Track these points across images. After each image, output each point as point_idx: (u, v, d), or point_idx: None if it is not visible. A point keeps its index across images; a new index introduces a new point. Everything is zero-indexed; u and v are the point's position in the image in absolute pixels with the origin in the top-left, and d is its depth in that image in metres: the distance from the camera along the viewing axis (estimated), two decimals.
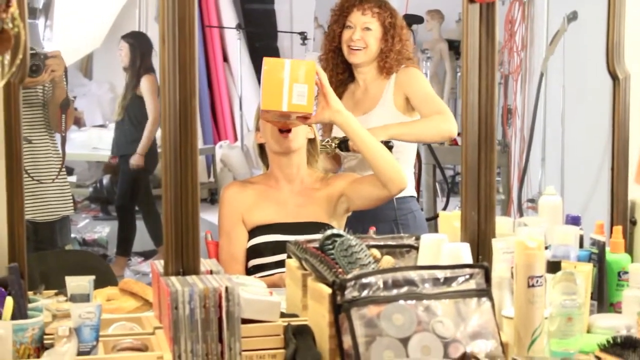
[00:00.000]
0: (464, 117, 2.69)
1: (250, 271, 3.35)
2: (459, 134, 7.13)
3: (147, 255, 7.36)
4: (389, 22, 3.79)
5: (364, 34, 3.78)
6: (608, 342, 2.36)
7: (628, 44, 2.96)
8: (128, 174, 7.29)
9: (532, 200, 6.27)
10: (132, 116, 7.19)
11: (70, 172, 8.56)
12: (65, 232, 4.37)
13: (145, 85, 7.04)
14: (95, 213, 8.57)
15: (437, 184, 7.50)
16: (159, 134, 7.53)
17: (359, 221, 3.50)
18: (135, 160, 7.10)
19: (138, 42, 7.26)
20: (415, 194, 3.93)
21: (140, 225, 7.38)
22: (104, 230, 7.67)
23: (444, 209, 6.73)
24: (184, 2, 2.41)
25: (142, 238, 7.37)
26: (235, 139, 9.31)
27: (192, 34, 2.41)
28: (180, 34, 2.41)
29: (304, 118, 3.13)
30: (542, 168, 6.30)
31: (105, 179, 8.73)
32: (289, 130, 3.33)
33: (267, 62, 3.03)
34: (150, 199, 7.44)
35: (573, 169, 5.75)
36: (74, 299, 2.46)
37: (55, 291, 2.71)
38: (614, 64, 2.95)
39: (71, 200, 4.35)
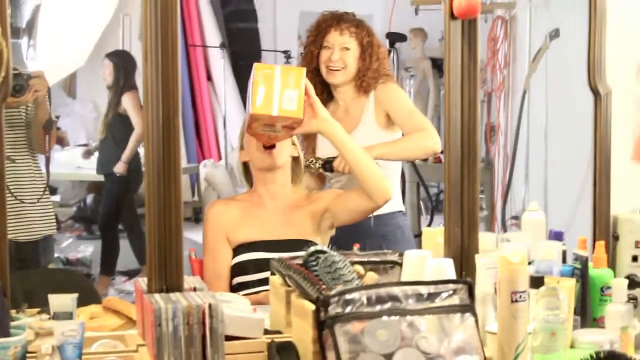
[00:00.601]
0: (447, 134, 2.70)
1: (234, 289, 3.34)
2: (442, 152, 7.18)
3: (131, 274, 7.35)
4: (367, 41, 3.80)
5: (343, 54, 3.77)
6: (591, 357, 2.37)
7: (609, 60, 2.98)
8: (112, 193, 7.29)
9: (515, 217, 6.29)
10: (115, 135, 7.19)
11: (53, 191, 8.56)
12: (48, 252, 4.36)
13: (127, 102, 7.06)
14: (79, 232, 8.56)
15: (421, 202, 7.52)
16: (142, 152, 7.56)
17: (346, 237, 3.50)
18: (119, 167, 7.10)
19: (122, 61, 7.28)
20: (403, 209, 3.94)
21: (124, 244, 7.37)
22: (88, 250, 7.65)
23: (428, 226, 6.75)
24: (167, 18, 2.41)
25: (126, 257, 7.35)
26: (220, 158, 9.32)
27: (174, 51, 2.41)
28: (163, 50, 2.41)
29: (291, 128, 3.14)
30: (526, 185, 6.33)
31: (89, 198, 8.74)
32: (273, 147, 3.33)
33: (258, 67, 3.05)
34: (135, 218, 7.44)
35: (556, 185, 5.78)
36: (57, 316, 2.45)
37: (38, 309, 2.70)
38: (596, 80, 2.96)
39: (54, 220, 4.33)
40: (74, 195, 9.05)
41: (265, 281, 3.20)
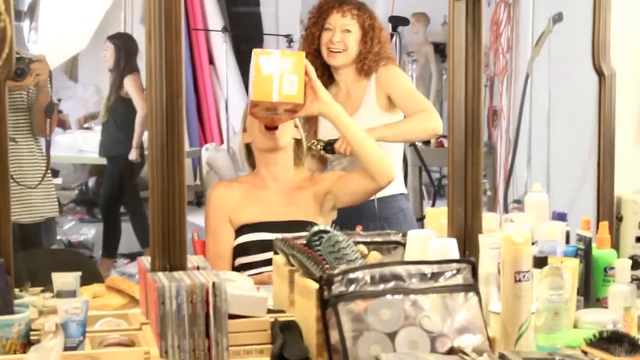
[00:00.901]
0: (451, 116, 2.70)
1: (236, 269, 3.34)
2: (444, 136, 7.17)
3: (133, 257, 7.34)
4: (369, 24, 3.80)
5: (344, 36, 3.78)
6: (594, 336, 2.37)
7: (613, 42, 2.97)
8: (114, 176, 7.30)
9: (518, 201, 6.28)
10: (117, 117, 7.20)
11: (55, 174, 8.54)
12: (50, 234, 4.37)
13: (129, 84, 7.06)
14: (81, 215, 8.55)
15: (423, 187, 7.51)
16: (145, 135, 7.57)
17: (349, 219, 3.50)
18: (133, 155, 7.14)
19: (123, 43, 7.27)
20: (405, 192, 3.94)
21: (127, 227, 7.37)
22: (90, 232, 7.66)
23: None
24: None
25: (128, 240, 7.36)
26: (222, 142, 9.31)
27: (178, 32, 2.41)
28: (167, 31, 2.40)
29: (293, 111, 3.14)
30: (528, 169, 6.32)
31: (91, 182, 8.73)
32: (275, 128, 3.33)
33: (257, 53, 3.05)
34: (137, 201, 7.45)
35: (559, 168, 5.76)
36: (60, 295, 2.45)
37: (42, 288, 2.71)
38: (600, 61, 2.96)
39: (56, 203, 4.34)
40: (76, 179, 9.04)
41: (268, 262, 3.22)
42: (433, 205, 6.64)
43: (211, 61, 9.43)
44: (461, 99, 2.69)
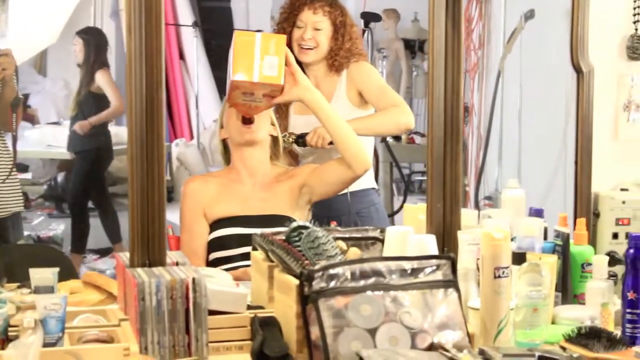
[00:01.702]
0: (430, 111, 2.70)
1: (211, 264, 3.33)
2: (416, 133, 7.14)
3: (102, 253, 7.32)
4: (340, 21, 3.79)
5: (315, 33, 3.77)
6: (573, 332, 2.38)
7: (591, 38, 2.98)
8: (81, 172, 7.25)
9: (489, 198, 6.30)
10: (86, 113, 7.14)
11: (25, 169, 8.49)
12: (17, 228, 4.33)
13: (101, 79, 7.01)
14: (50, 210, 8.50)
15: (393, 183, 7.52)
16: (113, 130, 7.52)
17: (321, 214, 3.51)
18: (82, 126, 7.05)
19: (93, 38, 7.22)
20: (376, 186, 3.94)
21: (96, 223, 7.32)
22: (59, 228, 7.59)
23: (401, 206, 6.75)
24: None
25: (97, 236, 7.31)
26: (192, 137, 9.28)
27: (159, 24, 2.40)
28: (147, 24, 2.39)
29: (271, 97, 3.14)
30: (499, 166, 6.34)
31: (60, 177, 8.67)
32: (251, 122, 3.33)
33: (238, 34, 3.05)
34: (106, 197, 7.40)
35: (530, 165, 5.78)
36: (38, 290, 2.43)
37: (18, 284, 2.68)
38: (578, 58, 2.97)
39: (21, 197, 4.30)
40: (45, 174, 8.98)
41: (243, 256, 3.21)
42: (404, 200, 6.65)
43: (181, 56, 9.40)
44: (440, 95, 2.69)
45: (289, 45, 3.77)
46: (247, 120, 3.34)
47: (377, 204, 3.91)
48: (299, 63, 3.80)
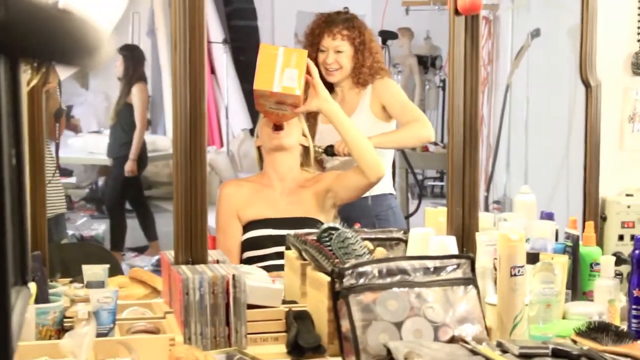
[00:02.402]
0: (450, 119, 2.69)
1: (244, 262, 3.33)
2: (435, 144, 7.12)
3: (139, 251, 7.33)
4: (358, 42, 3.77)
5: (337, 56, 3.76)
6: (583, 326, 2.38)
7: (599, 54, 2.97)
8: (119, 176, 7.26)
9: (497, 202, 6.29)
10: (122, 122, 7.17)
11: (69, 174, 8.53)
12: (60, 229, 4.35)
13: (135, 93, 7.04)
14: (91, 212, 8.53)
15: (408, 187, 7.51)
16: (149, 139, 7.54)
17: (344, 215, 3.50)
18: (129, 166, 7.07)
19: (131, 54, 7.25)
20: (393, 192, 3.93)
21: (133, 223, 7.34)
22: (100, 228, 7.61)
23: (416, 209, 6.75)
24: (194, 10, 2.40)
25: (134, 235, 7.33)
26: (222, 145, 9.28)
27: (201, 41, 2.40)
28: (191, 41, 2.39)
29: (294, 106, 3.15)
30: (507, 172, 6.32)
31: (100, 181, 8.70)
32: (281, 128, 3.34)
33: (264, 47, 3.09)
34: (142, 199, 7.42)
35: (535, 172, 5.77)
36: (90, 285, 2.44)
37: (70, 279, 2.69)
38: (587, 73, 2.95)
39: (64, 200, 4.33)
40: (87, 178, 9.02)
41: (273, 255, 3.21)
42: (419, 204, 6.64)
43: (212, 71, 9.41)
44: (460, 105, 2.69)
45: (317, 66, 3.79)
46: (277, 127, 3.35)
47: (394, 207, 3.90)
48: (328, 83, 3.82)
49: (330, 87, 3.86)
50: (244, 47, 9.49)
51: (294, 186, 3.43)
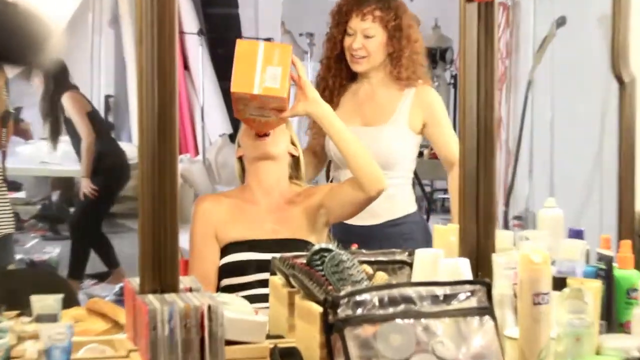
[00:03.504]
0: (462, 121, 2.69)
1: (222, 291, 3.32)
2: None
3: (100, 278, 7.34)
4: (393, 26, 3.68)
5: (366, 41, 3.68)
6: None
7: (633, 46, 2.97)
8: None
9: (519, 217, 6.30)
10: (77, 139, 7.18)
11: (18, 187, 8.52)
12: (8, 252, 4.34)
13: (68, 106, 7.03)
14: (43, 232, 8.53)
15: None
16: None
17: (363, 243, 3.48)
18: (85, 188, 7.05)
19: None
20: (415, 208, 3.88)
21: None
22: (54, 251, 7.62)
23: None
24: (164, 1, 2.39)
25: (93, 259, 7.32)
26: (197, 153, 9.30)
27: (171, 33, 2.39)
28: (160, 31, 2.38)
29: (279, 110, 3.14)
30: (530, 182, 6.34)
31: (55, 196, 8.69)
32: (267, 135, 3.33)
33: (240, 44, 3.08)
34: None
35: (563, 183, 5.78)
36: (40, 319, 2.43)
37: (17, 312, 2.68)
38: (620, 67, 2.95)
39: (12, 218, 4.28)
40: (38, 192, 9.02)
41: (257, 284, 3.20)
42: (427, 220, 6.64)
43: (186, 66, 9.42)
44: (473, 105, 2.68)
45: (341, 53, 3.76)
46: (262, 133, 3.34)
47: (418, 222, 3.87)
48: (354, 73, 3.78)
49: (354, 76, 3.82)
50: (223, 39, 9.50)
51: (281, 202, 3.42)
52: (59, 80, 7.11)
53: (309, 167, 3.76)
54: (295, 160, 3.47)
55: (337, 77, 3.82)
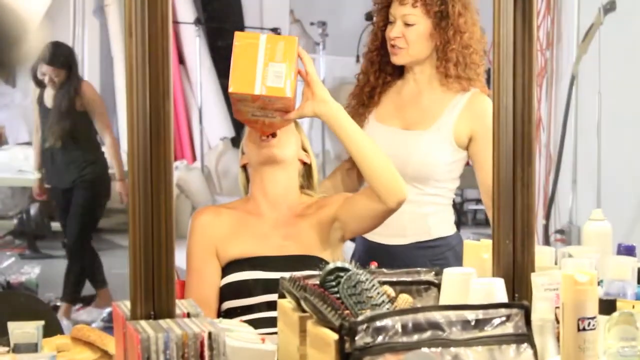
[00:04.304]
0: (496, 125, 2.69)
1: (224, 315, 3.34)
2: None
3: (85, 301, 7.35)
4: (438, 12, 3.60)
5: (405, 30, 3.61)
6: None
7: None
8: (86, 204, 7.27)
9: (561, 232, 6.30)
10: (82, 138, 7.21)
11: None
12: None
13: (88, 95, 7.10)
14: (21, 250, 8.55)
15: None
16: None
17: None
18: (120, 187, 7.18)
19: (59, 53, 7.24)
20: (453, 232, 3.82)
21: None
22: (33, 271, 7.62)
23: None
24: None
25: None
26: (194, 159, 9.32)
27: (166, 22, 2.41)
28: (152, 21, 2.40)
29: (285, 111, 3.15)
30: (573, 192, 6.34)
31: (33, 209, 8.71)
32: (274, 135, 3.33)
33: (239, 37, 3.07)
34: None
35: (612, 192, 5.78)
36: (18, 349, 2.44)
37: None
38: None
39: None
40: (14, 205, 9.04)
41: (263, 306, 3.21)
42: None
43: (181, 60, 9.44)
44: (508, 104, 2.68)
45: (382, 43, 3.72)
46: (268, 134, 3.34)
47: (455, 246, 3.79)
48: (400, 68, 3.74)
49: (400, 73, 3.77)
50: (223, 29, 9.54)
51: (289, 215, 3.43)
52: (73, 67, 7.18)
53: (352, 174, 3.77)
54: (307, 168, 3.47)
55: (381, 72, 3.77)
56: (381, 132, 3.67)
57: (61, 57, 7.12)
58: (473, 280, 2.59)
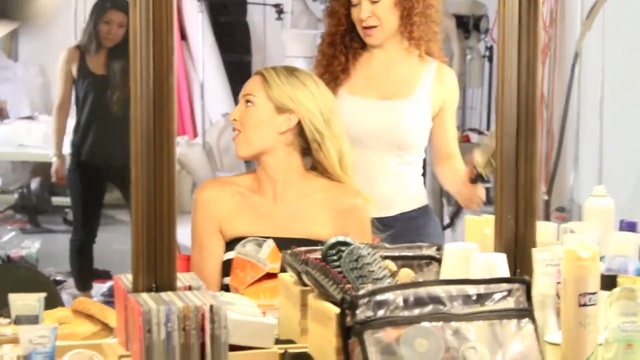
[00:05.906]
0: (500, 99, 2.69)
1: (225, 290, 3.34)
2: (479, 132, 7.12)
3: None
4: None
5: (373, 7, 3.64)
6: None
7: None
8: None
9: (561, 209, 6.30)
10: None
11: None
12: None
13: None
14: (22, 225, 8.55)
15: (443, 191, 7.52)
16: None
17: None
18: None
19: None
20: (427, 202, 3.90)
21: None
22: (33, 245, 7.62)
23: (453, 219, 6.77)
24: None
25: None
26: (195, 135, 9.31)
27: None
28: None
29: None
30: (575, 170, 6.33)
31: (34, 183, 8.71)
32: None
33: None
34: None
35: (613, 170, 5.77)
36: (20, 320, 2.45)
37: None
38: None
39: None
40: (16, 180, 9.04)
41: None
42: (457, 212, 6.66)
43: (183, 36, 9.42)
44: (512, 80, 2.69)
45: (348, 28, 3.74)
46: None
47: (431, 214, 3.92)
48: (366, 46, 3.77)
49: (362, 42, 3.79)
50: (226, 5, 9.51)
51: (294, 195, 3.40)
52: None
53: None
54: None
55: (349, 49, 3.79)
56: (357, 104, 3.73)
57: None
58: (474, 255, 2.59)
